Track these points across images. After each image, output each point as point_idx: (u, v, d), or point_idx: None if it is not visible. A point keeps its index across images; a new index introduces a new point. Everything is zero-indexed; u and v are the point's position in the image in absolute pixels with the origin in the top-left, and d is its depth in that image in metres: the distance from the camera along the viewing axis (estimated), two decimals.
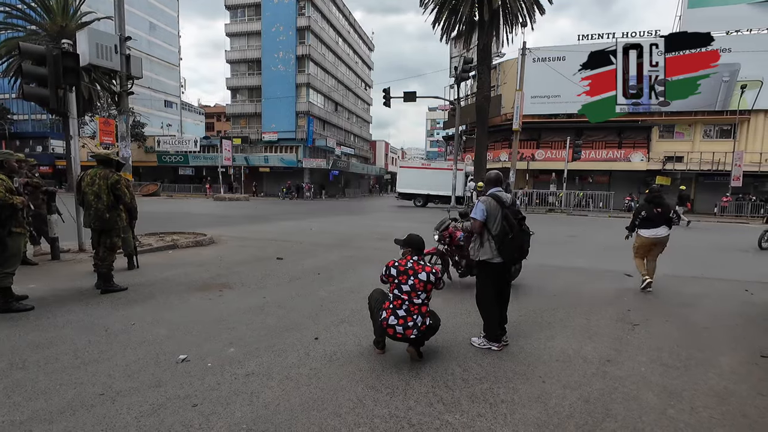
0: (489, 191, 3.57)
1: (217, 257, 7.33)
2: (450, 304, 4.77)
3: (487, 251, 3.47)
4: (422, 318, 3.11)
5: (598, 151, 28.11)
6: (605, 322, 4.32)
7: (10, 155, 4.36)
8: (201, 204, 23.85)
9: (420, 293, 3.13)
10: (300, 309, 4.46)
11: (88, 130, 35.88)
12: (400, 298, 3.12)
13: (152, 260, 6.83)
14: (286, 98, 38.24)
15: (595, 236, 11.04)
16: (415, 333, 3.07)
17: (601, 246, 9.83)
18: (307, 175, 38.15)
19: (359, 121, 55.13)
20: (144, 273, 5.96)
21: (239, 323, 3.97)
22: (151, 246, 7.73)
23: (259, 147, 39.59)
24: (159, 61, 49.49)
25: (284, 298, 4.89)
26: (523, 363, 3.28)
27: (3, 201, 3.98)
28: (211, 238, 9.00)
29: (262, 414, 2.46)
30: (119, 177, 4.92)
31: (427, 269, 3.18)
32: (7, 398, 2.57)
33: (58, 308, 4.26)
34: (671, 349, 3.64)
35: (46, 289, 4.94)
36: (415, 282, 3.12)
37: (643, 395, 2.83)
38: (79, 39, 6.96)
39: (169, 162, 39.06)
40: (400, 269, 3.18)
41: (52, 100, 6.57)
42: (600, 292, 5.56)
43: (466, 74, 22.88)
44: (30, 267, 6.03)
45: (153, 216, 14.25)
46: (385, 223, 14.42)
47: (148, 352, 3.26)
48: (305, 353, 3.32)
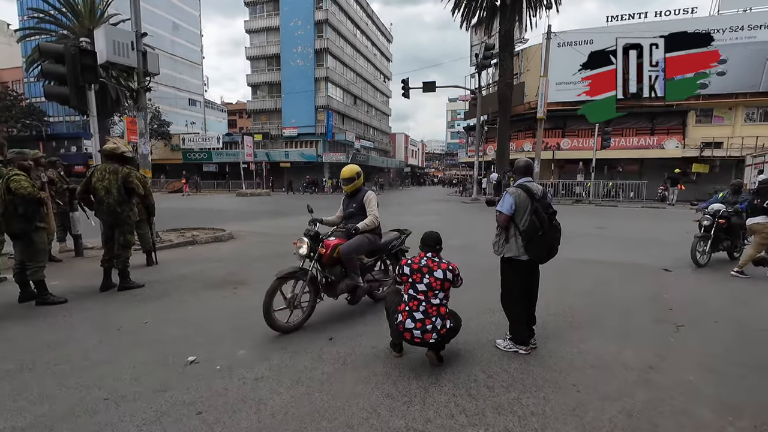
0: (518, 181, 3.28)
1: (234, 253, 7.29)
2: (473, 302, 4.49)
3: (512, 248, 3.19)
4: (441, 320, 2.86)
5: (629, 139, 26.74)
6: (645, 323, 3.94)
7: (18, 154, 4.39)
8: (223, 200, 24.24)
9: (437, 292, 2.88)
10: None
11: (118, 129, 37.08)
12: (416, 299, 2.88)
13: (171, 256, 6.85)
14: (305, 93, 38.31)
15: (627, 228, 10.42)
16: (434, 337, 2.84)
17: (635, 238, 9.25)
18: (327, 170, 38.22)
19: (378, 114, 54.74)
20: (162, 269, 5.96)
21: (252, 323, 3.82)
22: (171, 242, 7.77)
23: (280, 142, 39.93)
24: (182, 61, 50.48)
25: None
26: (554, 369, 2.99)
27: (31, 195, 4.01)
28: (230, 233, 9.00)
29: (269, 424, 2.29)
30: (130, 170, 4.87)
31: (443, 266, 2.94)
32: (12, 402, 2.50)
33: (76, 305, 4.26)
34: (724, 355, 3.25)
35: (67, 285, 4.97)
36: (430, 280, 2.88)
37: (695, 409, 2.49)
38: (96, 37, 6.98)
39: (193, 159, 39.96)
40: (413, 267, 2.95)
41: (72, 98, 6.63)
42: (637, 289, 5.13)
43: (488, 62, 22.13)
44: (55, 264, 6.13)
45: (175, 212, 14.51)
46: (408, 218, 14.16)
47: (158, 353, 3.16)
48: (318, 355, 3.15)
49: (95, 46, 6.90)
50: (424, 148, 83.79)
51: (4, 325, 3.72)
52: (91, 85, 6.82)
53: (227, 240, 8.61)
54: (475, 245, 7.76)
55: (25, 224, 4.16)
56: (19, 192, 3.99)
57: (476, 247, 7.45)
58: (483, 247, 7.27)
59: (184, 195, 24.69)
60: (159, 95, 40.64)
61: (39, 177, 5.06)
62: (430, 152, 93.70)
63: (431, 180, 77.61)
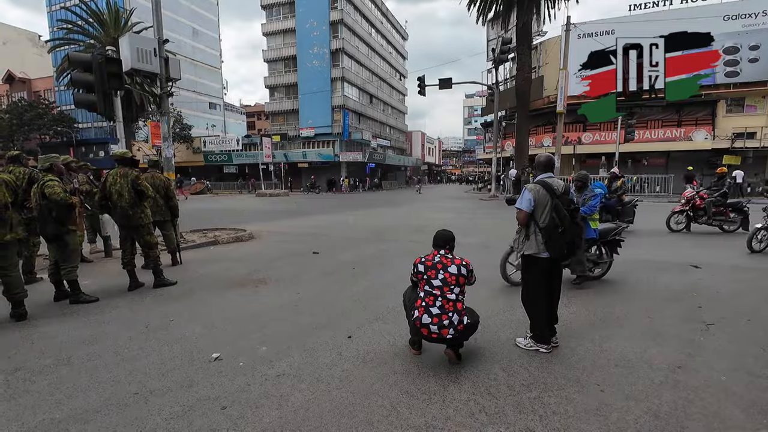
0: (538, 177, 3.24)
1: (255, 253, 7.43)
2: (492, 299, 4.45)
3: (532, 245, 3.15)
4: (458, 316, 2.85)
5: (654, 131, 25.83)
6: (672, 321, 3.82)
7: (57, 158, 4.59)
8: (243, 200, 24.74)
9: (453, 287, 2.87)
10: (334, 305, 4.36)
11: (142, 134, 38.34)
12: (432, 294, 2.88)
13: (194, 256, 7.04)
14: (321, 93, 38.62)
15: (652, 223, 10.06)
16: (451, 332, 2.83)
17: (661, 234, 8.95)
18: (344, 169, 38.44)
19: (394, 113, 54.68)
20: (186, 269, 6.13)
21: (272, 320, 3.92)
22: (194, 242, 7.98)
23: (297, 143, 40.42)
24: (202, 65, 51.74)
25: (318, 294, 4.82)
26: (577, 368, 2.93)
27: (64, 200, 4.21)
28: (251, 233, 9.17)
29: (291, 419, 2.34)
30: (138, 173, 5.01)
31: (456, 261, 2.94)
32: (50, 395, 2.63)
33: (106, 304, 4.44)
34: (757, 354, 3.12)
35: (98, 285, 5.19)
36: (445, 276, 2.88)
37: (727, 411, 2.40)
38: (121, 45, 7.23)
39: (214, 161, 40.95)
40: (427, 264, 2.96)
41: (100, 105, 6.91)
42: (663, 286, 4.97)
43: (505, 56, 21.77)
44: (86, 264, 6.40)
45: (199, 213, 14.91)
46: (426, 215, 14.10)
47: (184, 350, 3.26)
48: (337, 353, 3.18)
49: (120, 54, 7.16)
50: (441, 146, 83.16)
51: (41, 322, 3.92)
52: (117, 91, 7.08)
53: (248, 240, 8.77)
54: (494, 243, 7.69)
55: (59, 227, 4.35)
56: (53, 197, 4.18)
57: (495, 245, 7.36)
58: (501, 245, 7.21)
59: (186, 198, 25.01)
60: (180, 99, 41.80)
61: (70, 182, 5.29)
62: (447, 149, 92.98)
63: (448, 177, 77.01)
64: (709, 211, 8.95)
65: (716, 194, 9.04)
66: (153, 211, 5.62)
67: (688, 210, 9.20)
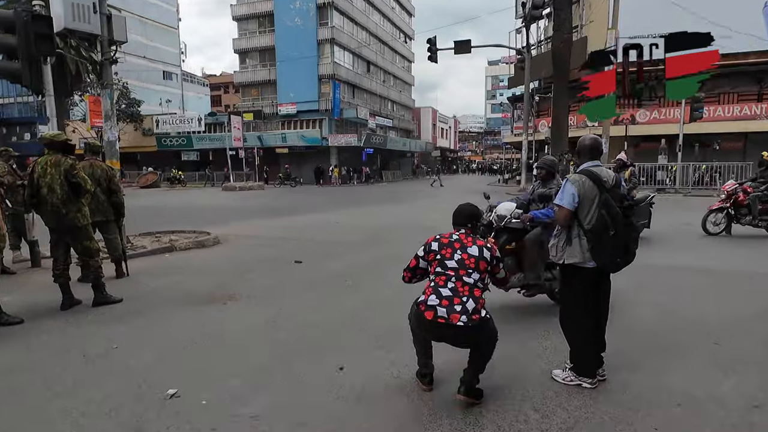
0: (582, 166, 3.25)
1: (222, 261, 7.46)
2: (520, 320, 4.47)
3: (575, 252, 3.15)
4: (475, 303, 2.81)
5: (728, 107, 25.84)
6: (748, 348, 3.84)
7: None
8: (207, 195, 24.81)
9: (471, 271, 2.87)
10: (322, 328, 4.37)
11: (79, 112, 38.36)
12: (444, 275, 2.89)
13: (145, 266, 7.07)
14: (305, 59, 38.48)
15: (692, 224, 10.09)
16: (463, 320, 2.75)
17: (694, 237, 9.06)
18: (335, 156, 38.48)
19: (398, 84, 54.75)
20: (134, 282, 6.15)
21: (244, 347, 3.93)
22: (144, 249, 8.03)
23: (275, 123, 40.48)
24: (155, 24, 51.76)
25: (302, 313, 4.84)
26: (628, 407, 2.94)
27: None
28: (216, 237, 9.25)
29: None
30: (74, 161, 4.97)
31: (479, 243, 2.98)
32: None
33: (33, 326, 4.45)
34: None
35: (23, 303, 5.21)
36: (463, 257, 2.89)
37: None
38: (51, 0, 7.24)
39: (170, 146, 41.03)
40: (443, 242, 3.00)
41: (25, 75, 6.88)
42: (736, 304, 4.99)
43: (539, 12, 21.81)
44: (7, 276, 6.42)
45: (150, 211, 14.91)
46: (434, 216, 14.12)
47: (131, 384, 3.28)
48: (326, 389, 3.20)
49: (51, 11, 7.17)
50: (458, 126, 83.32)
51: None
52: (46, 57, 7.07)
53: (213, 245, 8.85)
54: None
55: None
56: None
57: None
58: None
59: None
60: (127, 68, 41.63)
61: None
62: (465, 131, 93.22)
63: (466, 165, 77.05)
64: (754, 209, 8.79)
65: (763, 187, 8.93)
66: (92, 209, 5.58)
67: (729, 207, 9.05)
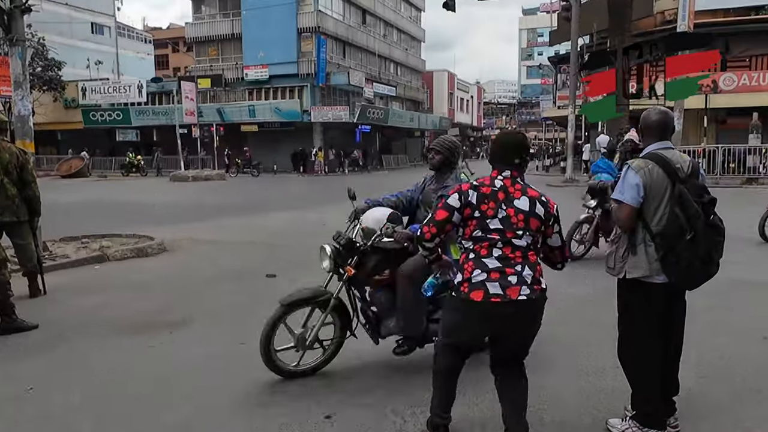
0: (648, 149, 3.18)
1: (169, 274, 7.50)
2: (566, 354, 4.41)
3: (640, 263, 3.04)
4: (532, 271, 2.69)
5: None
6: None
7: None
8: (151, 187, 24.97)
9: (520, 232, 2.71)
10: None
11: None
12: (486, 239, 2.71)
13: (67, 281, 7.09)
14: (280, 7, 37.65)
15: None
16: (525, 293, 2.63)
17: (751, 244, 9.08)
18: (319, 135, 38.33)
19: (404, 40, 54.84)
20: (53, 302, 6.15)
21: (198, 386, 3.93)
22: (67, 257, 8.01)
23: (240, 91, 40.39)
24: None
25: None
26: None
27: None
28: (162, 243, 9.26)
29: None
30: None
31: (531, 192, 2.79)
32: None
33: None
34: None
35: None
36: (509, 212, 2.69)
37: None
38: None
39: (101, 122, 41.34)
40: (482, 191, 2.75)
41: None
42: None
43: None
44: None
45: (75, 209, 15.02)
46: None
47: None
48: None
49: None
50: (482, 96, 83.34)
51: None
52: None
53: (157, 253, 8.86)
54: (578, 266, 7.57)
55: None
56: None
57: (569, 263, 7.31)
58: (579, 264, 7.15)
59: None
60: (44, 18, 40.96)
61: None
62: (492, 102, 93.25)
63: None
64: None
65: None
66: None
67: None
